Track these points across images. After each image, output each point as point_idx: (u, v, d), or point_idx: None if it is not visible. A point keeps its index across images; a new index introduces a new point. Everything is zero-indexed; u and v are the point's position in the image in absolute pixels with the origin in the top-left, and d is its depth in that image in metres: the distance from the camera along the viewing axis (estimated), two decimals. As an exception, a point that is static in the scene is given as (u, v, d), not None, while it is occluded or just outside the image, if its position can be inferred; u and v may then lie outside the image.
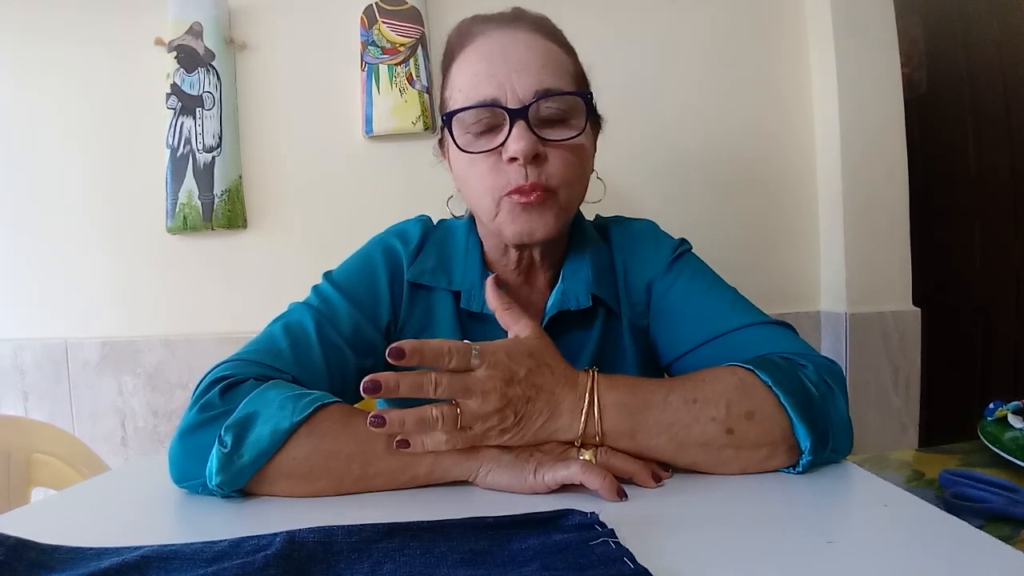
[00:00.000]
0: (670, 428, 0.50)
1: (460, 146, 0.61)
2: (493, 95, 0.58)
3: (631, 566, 0.34)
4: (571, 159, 0.61)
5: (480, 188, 0.61)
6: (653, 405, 0.51)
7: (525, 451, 0.49)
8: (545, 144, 0.59)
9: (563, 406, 0.50)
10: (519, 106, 0.58)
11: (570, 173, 0.61)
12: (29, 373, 1.33)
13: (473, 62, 0.61)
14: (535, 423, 0.49)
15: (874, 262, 1.26)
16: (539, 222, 0.60)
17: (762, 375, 0.52)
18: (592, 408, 0.50)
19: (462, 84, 0.61)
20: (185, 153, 1.28)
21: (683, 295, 0.67)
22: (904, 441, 1.25)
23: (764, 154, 1.32)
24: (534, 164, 0.59)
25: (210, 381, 0.53)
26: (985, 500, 0.52)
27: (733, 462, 0.51)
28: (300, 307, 0.64)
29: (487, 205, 0.62)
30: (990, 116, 1.71)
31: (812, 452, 0.50)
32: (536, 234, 0.60)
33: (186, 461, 0.49)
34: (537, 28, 0.63)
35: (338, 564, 0.36)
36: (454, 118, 0.61)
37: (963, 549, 0.37)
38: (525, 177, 0.58)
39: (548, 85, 0.59)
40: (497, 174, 0.60)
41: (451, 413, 0.47)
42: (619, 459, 0.48)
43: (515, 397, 0.48)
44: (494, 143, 0.59)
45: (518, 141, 0.57)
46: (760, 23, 1.31)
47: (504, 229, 0.62)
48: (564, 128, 0.60)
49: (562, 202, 0.61)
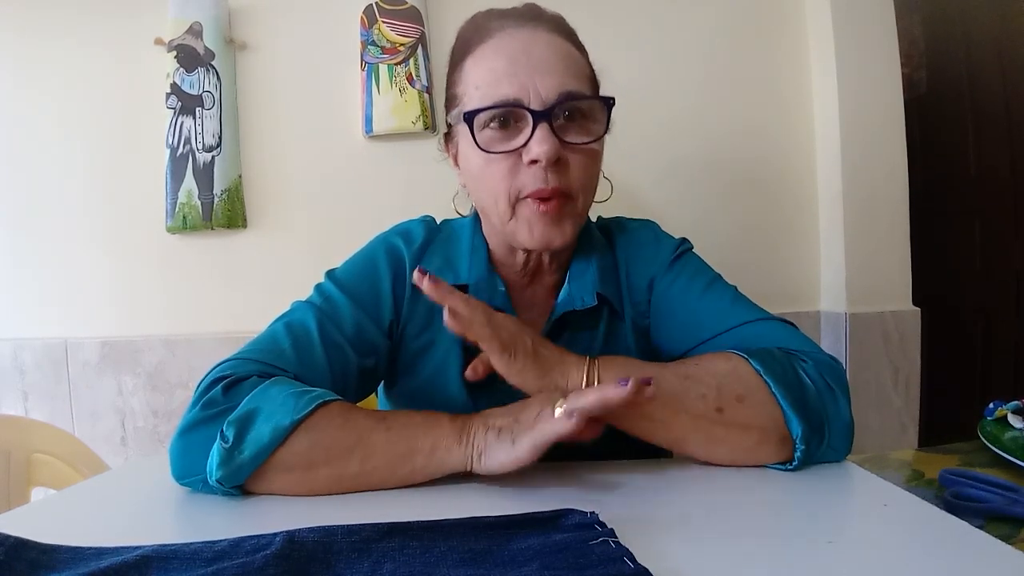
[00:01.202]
0: (660, 397, 0.51)
1: (481, 145, 0.60)
2: (515, 95, 0.58)
3: (631, 566, 0.34)
4: (589, 163, 0.61)
5: (496, 189, 0.60)
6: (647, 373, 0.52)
7: (507, 427, 0.49)
8: (565, 148, 0.59)
9: (568, 360, 0.55)
10: (542, 108, 0.57)
11: (588, 178, 0.61)
12: (29, 373, 1.33)
13: (491, 59, 0.60)
14: (549, 360, 0.54)
15: (874, 262, 1.26)
16: (557, 231, 0.60)
17: (754, 363, 0.53)
18: (593, 366, 0.54)
19: (479, 81, 0.60)
20: (185, 153, 1.28)
21: (684, 294, 0.67)
22: (904, 441, 1.25)
23: (764, 154, 1.32)
24: (555, 168, 0.58)
25: (213, 379, 0.53)
26: (985, 500, 0.52)
27: (723, 443, 0.52)
28: (303, 306, 0.64)
29: (502, 207, 0.61)
30: (990, 116, 1.71)
31: (804, 441, 0.50)
32: (554, 243, 0.61)
33: (187, 457, 0.50)
34: (556, 28, 0.62)
35: (338, 564, 0.36)
36: (475, 118, 0.59)
37: (963, 549, 0.37)
38: (545, 181, 0.58)
39: (571, 88, 0.58)
40: (515, 176, 0.59)
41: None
42: (582, 397, 0.46)
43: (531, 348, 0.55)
44: (512, 144, 0.59)
45: (541, 144, 0.56)
46: (760, 23, 1.31)
47: (519, 235, 0.61)
48: (583, 132, 0.60)
49: (579, 208, 0.62)
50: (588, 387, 0.52)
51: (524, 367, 0.54)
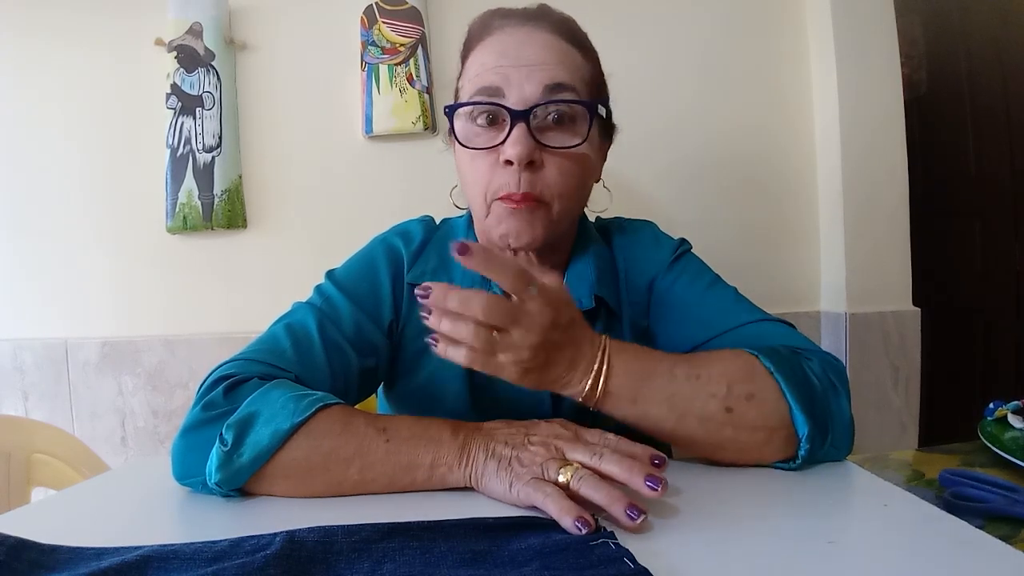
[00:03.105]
0: (671, 399, 0.51)
1: (460, 140, 0.60)
2: (497, 87, 0.58)
3: (631, 566, 0.34)
4: (570, 168, 0.59)
5: (475, 186, 0.61)
6: (658, 375, 0.52)
7: (505, 460, 0.47)
8: (543, 150, 0.58)
9: (581, 364, 0.51)
10: (523, 107, 0.57)
11: (566, 184, 0.59)
12: (29, 373, 1.33)
13: (486, 54, 0.60)
14: (554, 371, 0.50)
15: (874, 262, 1.26)
16: (526, 228, 0.59)
17: (765, 361, 0.52)
18: (601, 371, 0.51)
19: (472, 75, 0.61)
20: (185, 153, 1.28)
21: (684, 295, 0.66)
22: (904, 441, 1.25)
23: (764, 154, 1.32)
24: (529, 170, 0.57)
25: (214, 380, 0.53)
26: (985, 500, 0.52)
27: (730, 444, 0.51)
28: (303, 307, 0.64)
29: (479, 204, 0.61)
30: (990, 116, 1.71)
31: (809, 440, 0.50)
32: (521, 239, 0.59)
33: (187, 458, 0.50)
34: (557, 29, 0.61)
35: (338, 564, 0.36)
36: (456, 111, 0.60)
37: (963, 549, 0.37)
38: (518, 184, 0.57)
39: (556, 87, 0.58)
40: (493, 174, 0.59)
41: (487, 334, 0.46)
42: (591, 487, 0.43)
43: (552, 341, 0.48)
44: (495, 141, 0.59)
45: (515, 145, 0.56)
46: (760, 23, 1.31)
47: (491, 231, 0.61)
48: (567, 135, 0.59)
49: (553, 215, 0.60)
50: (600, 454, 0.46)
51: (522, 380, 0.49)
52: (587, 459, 0.45)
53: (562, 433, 0.49)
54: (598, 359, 0.51)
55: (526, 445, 0.48)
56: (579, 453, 0.46)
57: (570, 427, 0.50)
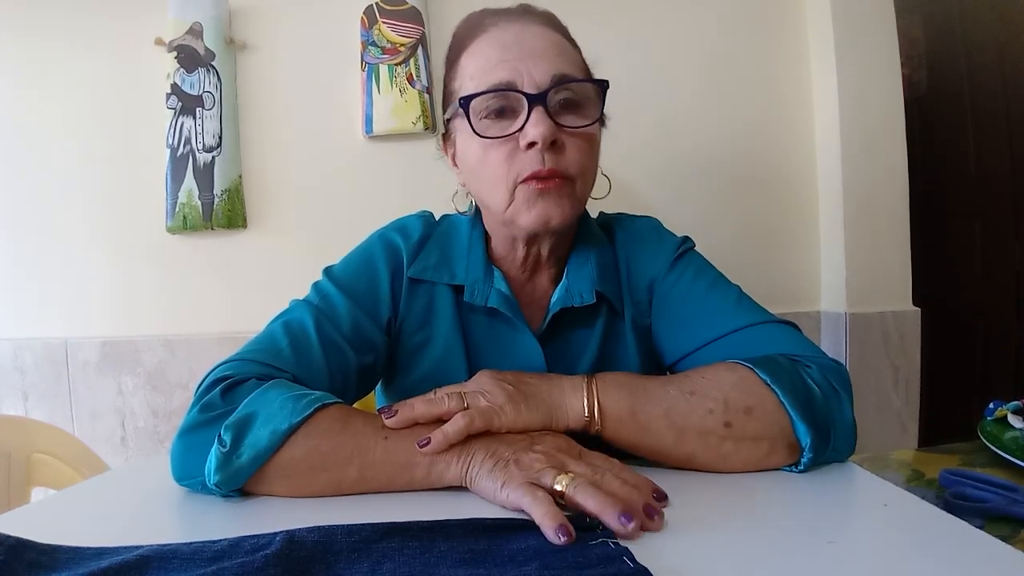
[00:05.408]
0: (668, 414, 0.51)
1: (477, 131, 0.60)
2: (509, 79, 0.58)
3: (630, 565, 0.34)
4: (586, 147, 0.61)
5: (495, 176, 0.60)
6: (651, 391, 0.53)
7: (503, 460, 0.47)
8: (561, 131, 0.59)
9: (564, 385, 0.54)
10: (537, 91, 0.58)
11: (585, 162, 0.61)
12: (29, 373, 1.33)
13: (485, 50, 0.61)
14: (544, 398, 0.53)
15: (874, 262, 1.26)
16: (555, 208, 0.59)
17: (761, 373, 0.52)
18: (592, 386, 0.53)
19: (474, 71, 0.61)
20: (185, 153, 1.28)
21: (686, 294, 0.66)
22: (904, 441, 1.25)
23: (764, 154, 1.32)
24: (551, 151, 0.58)
25: (211, 381, 0.53)
26: (985, 500, 0.52)
27: (733, 456, 0.51)
28: (300, 305, 0.64)
29: (501, 194, 0.60)
30: (990, 116, 1.71)
31: (813, 449, 0.50)
32: (552, 220, 0.59)
33: (186, 459, 0.49)
34: (547, 22, 0.63)
35: (338, 564, 0.35)
36: (470, 103, 0.60)
37: (963, 549, 0.37)
38: (542, 163, 0.58)
39: (564, 71, 0.59)
40: (513, 161, 0.59)
41: (459, 402, 0.51)
42: (585, 493, 0.42)
43: (514, 392, 0.52)
44: (509, 130, 0.59)
45: (537, 126, 0.57)
46: (760, 23, 1.31)
47: (519, 217, 0.60)
48: (579, 116, 0.60)
49: (578, 191, 0.61)
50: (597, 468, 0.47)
51: (517, 420, 0.51)
52: (588, 474, 0.45)
53: (567, 448, 0.49)
54: (583, 379, 0.54)
55: (528, 451, 0.48)
56: (581, 468, 0.46)
57: (575, 446, 0.50)
